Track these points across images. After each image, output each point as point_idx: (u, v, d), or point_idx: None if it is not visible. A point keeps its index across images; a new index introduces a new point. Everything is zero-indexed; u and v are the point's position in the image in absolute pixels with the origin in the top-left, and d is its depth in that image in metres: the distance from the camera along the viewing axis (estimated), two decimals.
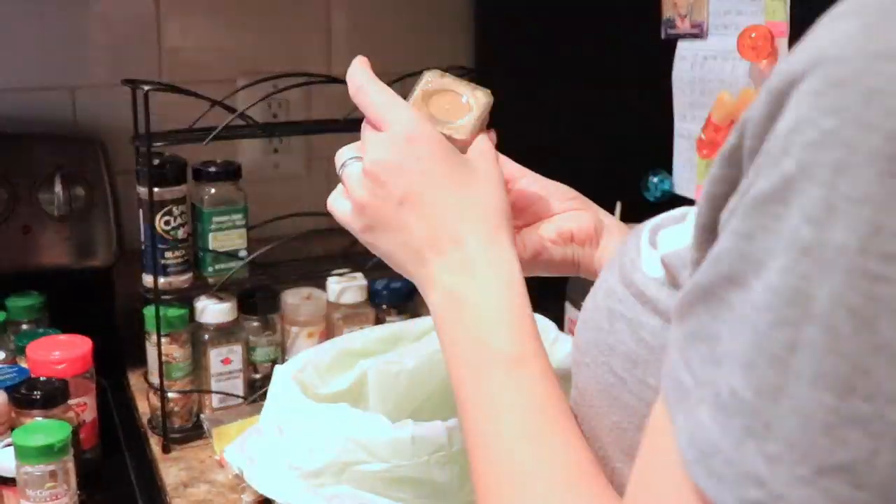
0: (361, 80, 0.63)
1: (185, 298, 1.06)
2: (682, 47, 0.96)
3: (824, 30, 0.35)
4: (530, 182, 0.73)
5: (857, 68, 0.33)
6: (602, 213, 0.74)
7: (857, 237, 0.31)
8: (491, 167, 0.62)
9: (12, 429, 0.87)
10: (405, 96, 0.65)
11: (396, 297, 1.20)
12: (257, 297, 1.12)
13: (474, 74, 1.14)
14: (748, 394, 0.33)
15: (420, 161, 0.59)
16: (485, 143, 0.64)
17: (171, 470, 1.00)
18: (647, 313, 0.47)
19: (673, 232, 0.48)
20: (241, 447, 0.90)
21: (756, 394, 0.33)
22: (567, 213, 0.73)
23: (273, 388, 0.88)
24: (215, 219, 1.06)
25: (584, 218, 0.72)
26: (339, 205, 0.63)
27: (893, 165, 0.31)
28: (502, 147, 0.68)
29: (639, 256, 0.49)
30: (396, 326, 1.00)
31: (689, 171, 0.98)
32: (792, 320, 0.33)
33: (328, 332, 1.16)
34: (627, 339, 0.47)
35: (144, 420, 1.10)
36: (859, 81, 0.32)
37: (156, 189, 1.00)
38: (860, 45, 0.33)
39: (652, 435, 0.40)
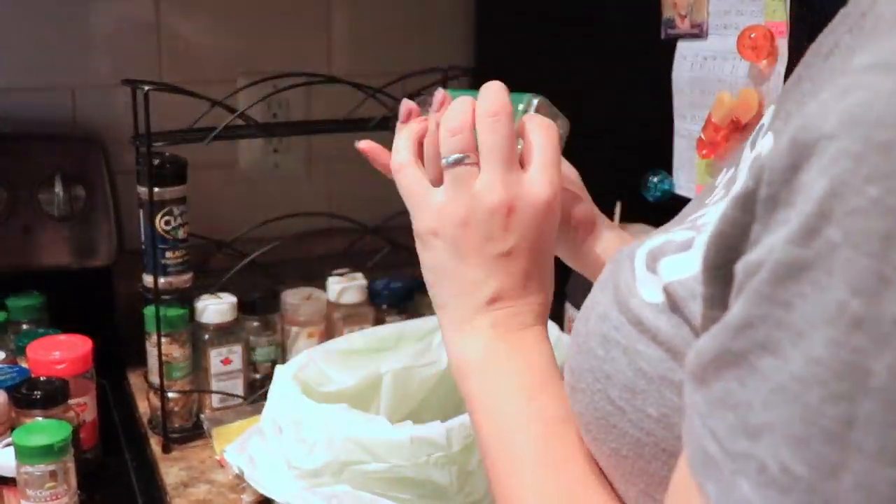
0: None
1: (185, 298, 1.06)
2: (682, 47, 0.96)
3: (856, 83, 0.34)
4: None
5: None
6: (596, 210, 0.74)
7: None
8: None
9: (12, 429, 0.87)
10: (403, 96, 0.65)
11: (396, 297, 1.20)
12: (257, 297, 1.12)
13: (474, 74, 1.14)
14: (803, 470, 0.32)
15: (542, 236, 0.60)
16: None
17: (171, 470, 1.00)
18: (645, 342, 0.45)
19: (678, 260, 0.45)
20: (241, 447, 0.90)
21: (812, 470, 0.32)
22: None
23: (273, 388, 0.88)
24: None
25: (582, 204, 0.73)
26: (422, 180, 0.62)
27: None
28: None
29: (634, 280, 0.47)
30: (397, 326, 1.00)
31: (689, 171, 0.98)
32: (847, 395, 0.32)
33: (328, 332, 1.16)
34: (624, 367, 0.46)
35: (144, 420, 1.10)
36: None
37: (156, 189, 1.00)
38: None
39: (679, 495, 0.39)
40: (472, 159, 0.59)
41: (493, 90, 0.61)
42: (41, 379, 0.94)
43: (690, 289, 0.43)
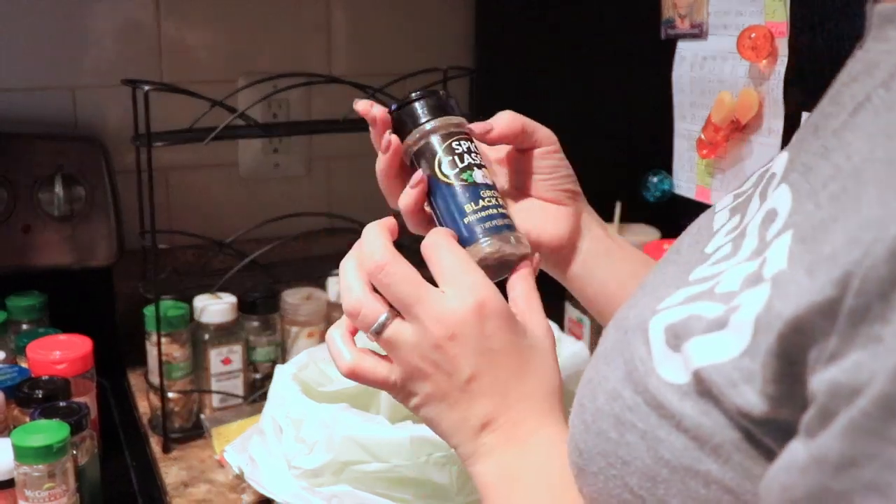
0: (437, 238, 0.59)
1: (185, 298, 1.06)
2: (682, 47, 0.96)
3: None
4: (542, 155, 0.69)
5: None
6: (585, 215, 0.71)
7: None
8: (549, 348, 0.58)
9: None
10: (404, 95, 0.65)
11: None
12: (257, 297, 1.12)
13: (474, 74, 1.14)
14: None
15: (490, 339, 0.55)
16: (538, 320, 0.59)
17: (171, 470, 1.00)
18: (667, 428, 0.42)
19: (710, 341, 0.41)
20: (241, 447, 0.90)
21: None
22: (547, 206, 0.69)
23: (274, 388, 0.88)
24: None
25: (560, 222, 0.69)
26: (375, 367, 0.58)
27: None
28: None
29: (650, 356, 0.44)
30: None
31: (689, 171, 0.98)
32: None
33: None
34: (643, 454, 0.43)
35: (144, 420, 1.10)
36: None
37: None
38: None
39: None
40: (389, 316, 0.56)
41: (370, 235, 0.60)
42: (41, 379, 0.94)
43: (728, 376, 0.39)
